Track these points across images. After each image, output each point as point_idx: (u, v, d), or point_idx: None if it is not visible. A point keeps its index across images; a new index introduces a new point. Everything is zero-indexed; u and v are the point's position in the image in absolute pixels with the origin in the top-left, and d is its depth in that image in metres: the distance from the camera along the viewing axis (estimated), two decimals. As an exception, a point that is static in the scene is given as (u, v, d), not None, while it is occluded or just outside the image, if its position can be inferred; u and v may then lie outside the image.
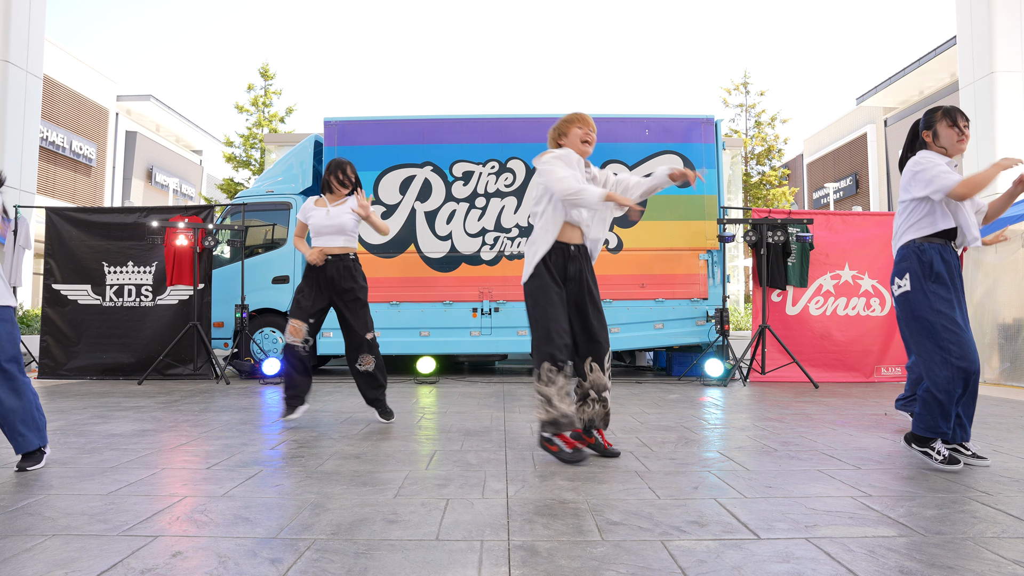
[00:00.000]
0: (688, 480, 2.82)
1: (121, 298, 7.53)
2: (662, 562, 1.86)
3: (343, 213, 4.16)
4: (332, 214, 4.15)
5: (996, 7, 9.86)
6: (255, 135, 20.72)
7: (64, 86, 18.71)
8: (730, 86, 22.77)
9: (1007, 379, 7.36)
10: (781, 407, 5.18)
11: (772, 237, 7.20)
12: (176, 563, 1.85)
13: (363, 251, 7.76)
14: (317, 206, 4.22)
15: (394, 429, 4.13)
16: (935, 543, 2.03)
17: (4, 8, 9.47)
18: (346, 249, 4.18)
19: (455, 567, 1.83)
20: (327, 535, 2.09)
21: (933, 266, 2.97)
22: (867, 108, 21.87)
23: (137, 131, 22.24)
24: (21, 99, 9.72)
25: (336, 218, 4.14)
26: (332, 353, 7.94)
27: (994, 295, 7.61)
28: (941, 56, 17.51)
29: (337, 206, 4.20)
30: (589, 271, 3.33)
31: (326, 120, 7.94)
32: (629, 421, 4.46)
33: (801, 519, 2.27)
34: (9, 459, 3.18)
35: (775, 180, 21.51)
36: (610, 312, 7.71)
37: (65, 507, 2.38)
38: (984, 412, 4.99)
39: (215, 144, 27.02)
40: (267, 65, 21.13)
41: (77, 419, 4.47)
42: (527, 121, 7.92)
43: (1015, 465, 3.13)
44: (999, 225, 7.45)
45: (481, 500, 2.50)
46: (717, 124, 7.82)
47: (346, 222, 4.15)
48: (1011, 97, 9.74)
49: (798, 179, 26.34)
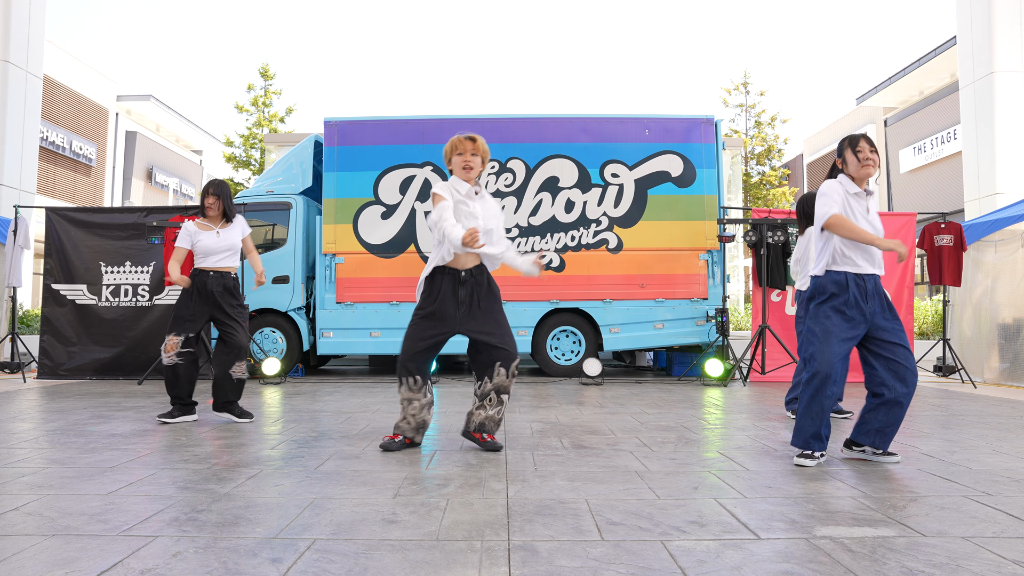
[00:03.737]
0: (688, 480, 2.82)
1: (118, 298, 7.53)
2: (662, 562, 1.86)
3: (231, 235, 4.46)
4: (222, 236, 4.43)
5: (996, 7, 9.86)
6: (255, 135, 20.73)
7: (64, 86, 18.71)
8: (730, 86, 22.78)
9: (1007, 379, 7.35)
10: (781, 407, 5.18)
11: (772, 237, 7.20)
12: (176, 563, 1.85)
13: (363, 251, 7.77)
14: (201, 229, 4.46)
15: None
16: (935, 543, 2.03)
17: (4, 8, 9.47)
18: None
19: (455, 567, 1.83)
20: (327, 535, 2.09)
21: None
22: (867, 108, 21.86)
23: (137, 131, 22.24)
24: (21, 99, 9.71)
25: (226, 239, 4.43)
26: (332, 353, 7.95)
27: (993, 295, 7.61)
28: (941, 56, 17.50)
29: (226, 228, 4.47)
30: (485, 291, 3.42)
31: (326, 120, 7.94)
32: (629, 421, 4.46)
33: (801, 519, 2.26)
34: (10, 459, 3.18)
35: (775, 180, 21.51)
36: (610, 312, 7.72)
37: (65, 507, 2.38)
38: (984, 412, 5.00)
39: (215, 144, 27.00)
40: (267, 65, 21.13)
41: (77, 419, 4.47)
42: (527, 121, 7.92)
43: (1015, 465, 3.13)
44: (999, 225, 7.46)
45: (481, 500, 2.50)
46: (717, 124, 7.82)
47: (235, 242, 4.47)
48: (1011, 97, 9.74)
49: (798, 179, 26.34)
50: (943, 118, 17.50)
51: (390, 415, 4.72)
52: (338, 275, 7.73)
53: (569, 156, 7.81)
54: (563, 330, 7.87)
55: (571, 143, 7.83)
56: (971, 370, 7.67)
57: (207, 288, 4.35)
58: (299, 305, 7.83)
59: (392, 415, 4.72)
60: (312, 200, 8.22)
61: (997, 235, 7.56)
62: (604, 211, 7.74)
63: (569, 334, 7.88)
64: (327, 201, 7.83)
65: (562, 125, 7.88)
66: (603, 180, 7.77)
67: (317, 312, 7.75)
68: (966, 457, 3.30)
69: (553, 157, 7.81)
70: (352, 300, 7.72)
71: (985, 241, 7.70)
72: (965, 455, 3.35)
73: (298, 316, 7.83)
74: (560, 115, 7.95)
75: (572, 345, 7.88)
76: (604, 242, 7.74)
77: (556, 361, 7.85)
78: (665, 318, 7.67)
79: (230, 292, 4.42)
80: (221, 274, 4.41)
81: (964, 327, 8.03)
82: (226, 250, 4.41)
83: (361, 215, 7.75)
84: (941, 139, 17.62)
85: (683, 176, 7.75)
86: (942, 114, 17.61)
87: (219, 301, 4.37)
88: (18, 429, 4.06)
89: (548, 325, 7.81)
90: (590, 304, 7.73)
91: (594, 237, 7.74)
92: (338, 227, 7.76)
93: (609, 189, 7.76)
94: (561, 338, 7.88)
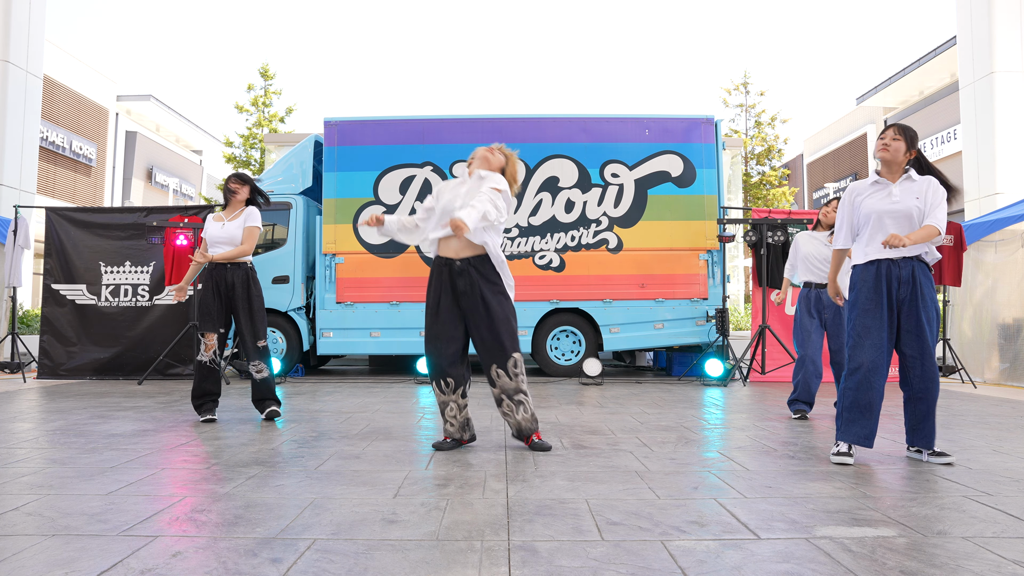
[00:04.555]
0: (688, 480, 2.81)
1: (117, 298, 7.53)
2: (662, 562, 1.86)
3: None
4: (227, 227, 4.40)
5: (996, 7, 9.86)
6: (255, 135, 20.72)
7: (64, 86, 18.71)
8: (730, 86, 22.75)
9: (1007, 379, 7.35)
10: (781, 407, 5.18)
11: (772, 237, 7.20)
12: (176, 563, 1.85)
13: (363, 251, 7.77)
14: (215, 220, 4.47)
15: (394, 429, 4.13)
16: (935, 543, 2.03)
17: (4, 8, 9.47)
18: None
19: (455, 567, 1.83)
20: (327, 535, 2.09)
21: None
22: (867, 108, 21.85)
23: (137, 131, 22.23)
24: (21, 99, 9.71)
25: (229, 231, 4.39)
26: (332, 353, 7.95)
27: (994, 295, 7.61)
28: (941, 56, 17.50)
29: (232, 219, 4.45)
30: (485, 283, 3.31)
31: (326, 120, 7.94)
32: (629, 421, 4.46)
33: (801, 519, 2.26)
34: (10, 459, 3.18)
35: (775, 180, 21.50)
36: (610, 312, 7.72)
37: (65, 507, 2.38)
38: (984, 412, 5.00)
39: (215, 144, 27.00)
40: (267, 65, 21.12)
41: (77, 419, 4.47)
42: (527, 121, 7.92)
43: (1015, 465, 3.13)
44: (999, 225, 7.45)
45: (481, 500, 2.50)
46: (717, 124, 7.82)
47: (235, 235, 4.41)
48: (1011, 97, 9.74)
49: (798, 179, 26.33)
50: (943, 118, 17.50)
51: (390, 415, 4.72)
52: (338, 275, 7.73)
53: (569, 156, 7.81)
54: (563, 330, 7.87)
55: (571, 143, 7.83)
56: (971, 370, 7.67)
57: (213, 279, 4.32)
58: (299, 305, 7.83)
59: (392, 415, 4.72)
60: (312, 200, 8.22)
61: (997, 235, 7.56)
62: (604, 211, 7.74)
63: (569, 334, 7.88)
64: (327, 201, 7.83)
65: (562, 125, 7.88)
66: (603, 180, 7.77)
67: (317, 312, 7.76)
68: (966, 457, 3.30)
69: (553, 157, 7.81)
70: (352, 300, 7.72)
71: (985, 241, 7.70)
72: (965, 455, 3.35)
73: (298, 316, 7.83)
74: (560, 115, 7.95)
75: (572, 345, 7.88)
76: (604, 242, 7.74)
77: (556, 361, 7.85)
78: (665, 318, 7.67)
79: (242, 285, 4.34)
80: (235, 266, 4.34)
81: (964, 327, 8.03)
82: (226, 241, 4.34)
83: (361, 215, 7.75)
84: (941, 139, 17.62)
85: (683, 176, 7.75)
86: (942, 114, 17.61)
87: (230, 294, 4.32)
88: (18, 429, 4.06)
89: (548, 325, 7.82)
90: (590, 304, 7.73)
91: (594, 237, 7.74)
92: (338, 227, 7.76)
93: (609, 189, 7.76)
94: (561, 338, 7.89)
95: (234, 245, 4.35)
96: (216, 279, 4.32)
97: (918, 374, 3.13)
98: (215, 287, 4.32)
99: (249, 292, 4.36)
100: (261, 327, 4.39)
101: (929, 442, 3.16)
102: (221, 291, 4.32)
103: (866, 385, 3.13)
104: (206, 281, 4.36)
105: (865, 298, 3.16)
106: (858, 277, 3.23)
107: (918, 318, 3.10)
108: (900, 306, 3.14)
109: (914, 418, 3.19)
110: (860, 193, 3.28)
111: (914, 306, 3.11)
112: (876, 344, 3.12)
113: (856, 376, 3.15)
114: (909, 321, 3.13)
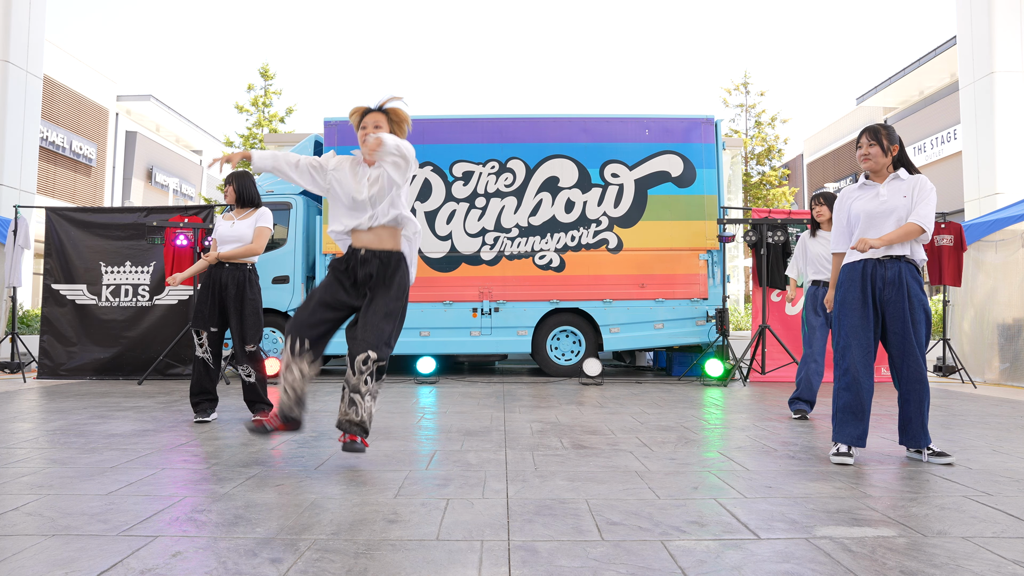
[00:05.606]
0: (688, 480, 2.81)
1: (117, 298, 7.53)
2: (662, 562, 1.86)
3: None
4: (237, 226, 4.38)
5: (996, 7, 9.86)
6: (255, 135, 20.72)
7: (64, 86, 18.71)
8: (730, 86, 22.76)
9: (1007, 379, 7.35)
10: (781, 407, 5.18)
11: (772, 237, 7.20)
12: (176, 563, 1.85)
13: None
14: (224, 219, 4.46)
15: (394, 429, 4.13)
16: (935, 543, 2.03)
17: (4, 8, 9.47)
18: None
19: (455, 567, 1.83)
20: (327, 535, 2.09)
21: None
22: (867, 108, 21.86)
23: (137, 131, 22.23)
24: (21, 99, 9.72)
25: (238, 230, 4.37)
26: (332, 353, 7.94)
27: (995, 295, 7.61)
28: (941, 56, 17.51)
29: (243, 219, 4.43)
30: (386, 276, 3.06)
31: (326, 120, 7.94)
32: (629, 421, 4.46)
33: (801, 519, 2.26)
34: (10, 459, 3.18)
35: (775, 180, 21.50)
36: (610, 312, 7.72)
37: (65, 507, 2.38)
38: (984, 412, 5.00)
39: (215, 144, 27.01)
40: (267, 65, 21.12)
41: (77, 419, 4.47)
42: (527, 121, 7.92)
43: (1015, 465, 3.13)
44: (999, 225, 7.45)
45: (481, 500, 2.50)
46: (717, 124, 7.82)
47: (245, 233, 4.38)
48: (1011, 97, 9.74)
49: (798, 179, 26.33)
50: (943, 118, 17.51)
51: (389, 414, 4.72)
52: (338, 275, 7.72)
53: (569, 156, 7.81)
54: (563, 330, 7.87)
55: (571, 143, 7.83)
56: (971, 370, 7.67)
57: (210, 278, 4.32)
58: (299, 305, 7.83)
59: (391, 415, 4.72)
60: (312, 200, 8.22)
61: (997, 235, 7.55)
62: (604, 211, 7.74)
63: (569, 334, 7.88)
64: (327, 201, 7.82)
65: (562, 125, 7.88)
66: (603, 180, 7.77)
67: (317, 312, 7.74)
68: (966, 457, 3.30)
69: (553, 157, 7.81)
70: (352, 300, 7.71)
71: (985, 241, 7.70)
72: (965, 455, 3.35)
73: (298, 316, 7.81)
74: (560, 115, 7.95)
75: (572, 345, 7.88)
76: (604, 242, 7.74)
77: (556, 361, 7.85)
78: (665, 318, 7.67)
79: (236, 286, 4.31)
80: (234, 267, 4.33)
81: (964, 327, 8.03)
82: (235, 240, 4.32)
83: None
84: (941, 139, 17.63)
85: (683, 176, 7.75)
86: (942, 114, 17.61)
87: (223, 294, 4.30)
88: (18, 429, 4.06)
89: (548, 325, 7.82)
90: (590, 304, 7.73)
91: (594, 237, 7.74)
92: (338, 227, 7.75)
93: (609, 189, 7.76)
94: (561, 338, 7.88)
95: (243, 243, 4.33)
96: (212, 278, 4.33)
97: (904, 375, 3.17)
98: (211, 286, 4.33)
99: (243, 295, 4.31)
100: (251, 331, 4.30)
101: (916, 442, 3.19)
102: (215, 291, 4.33)
103: (855, 386, 3.17)
104: (204, 280, 4.37)
105: (852, 298, 3.20)
106: (844, 277, 3.27)
107: (903, 319, 3.12)
108: (884, 306, 3.17)
109: (902, 418, 3.23)
110: (850, 196, 3.34)
111: (899, 307, 3.13)
112: (863, 344, 3.15)
113: (847, 378, 3.19)
114: (895, 322, 3.15)
